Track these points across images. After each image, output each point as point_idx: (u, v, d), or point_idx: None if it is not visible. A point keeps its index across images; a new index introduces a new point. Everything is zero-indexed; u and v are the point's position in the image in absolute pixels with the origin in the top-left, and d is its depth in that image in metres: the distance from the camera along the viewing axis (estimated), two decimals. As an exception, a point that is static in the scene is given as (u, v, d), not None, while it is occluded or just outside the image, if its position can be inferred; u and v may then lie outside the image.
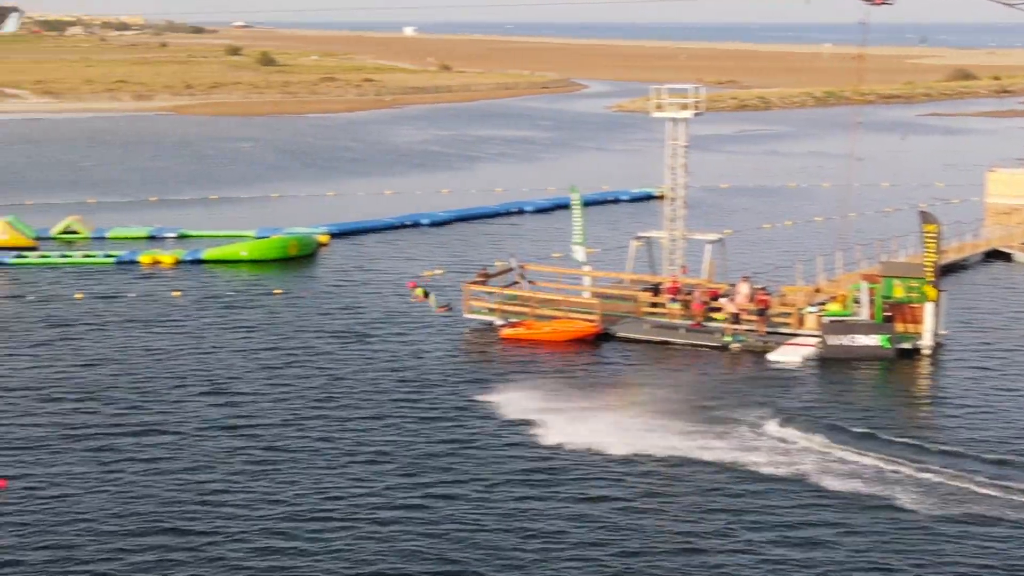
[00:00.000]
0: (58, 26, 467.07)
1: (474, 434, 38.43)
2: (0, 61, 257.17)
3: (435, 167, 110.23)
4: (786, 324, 49.43)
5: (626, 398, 41.57)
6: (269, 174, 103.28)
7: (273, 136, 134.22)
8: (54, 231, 72.38)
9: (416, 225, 76.85)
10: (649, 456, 36.22)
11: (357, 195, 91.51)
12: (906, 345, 47.32)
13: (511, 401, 41.26)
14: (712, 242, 54.43)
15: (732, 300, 49.96)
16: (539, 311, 51.36)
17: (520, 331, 50.21)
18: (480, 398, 41.78)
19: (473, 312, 52.23)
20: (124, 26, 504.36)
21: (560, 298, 52.68)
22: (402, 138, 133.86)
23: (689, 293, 51.11)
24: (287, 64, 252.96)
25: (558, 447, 37.06)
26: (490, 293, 52.78)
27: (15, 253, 66.59)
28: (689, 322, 50.04)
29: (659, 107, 54.08)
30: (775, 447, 36.84)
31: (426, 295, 49.81)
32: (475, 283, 53.15)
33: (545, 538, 30.97)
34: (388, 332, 50.87)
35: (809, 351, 47.13)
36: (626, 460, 35.99)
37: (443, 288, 57.86)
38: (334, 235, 72.69)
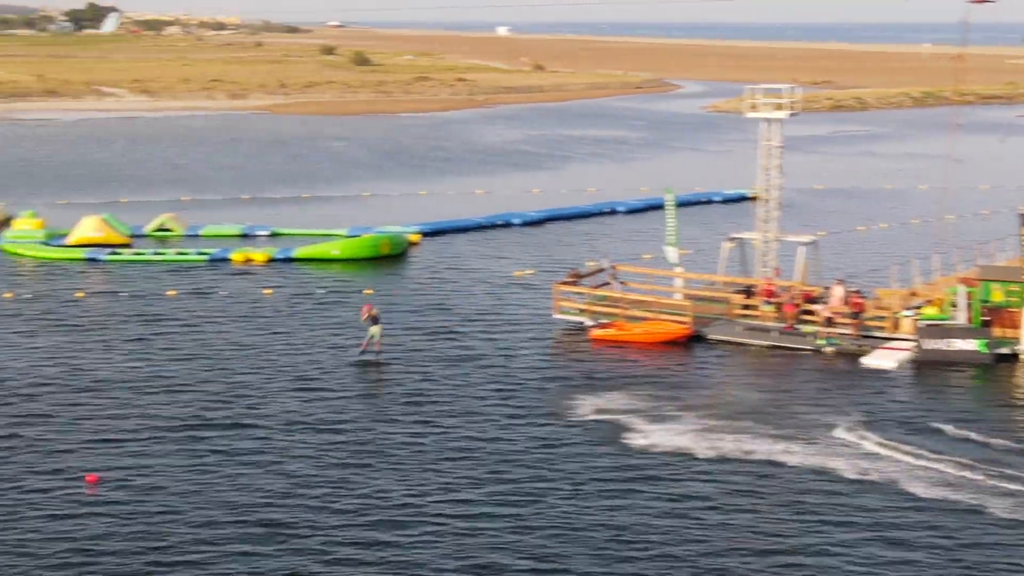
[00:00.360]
0: (156, 26, 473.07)
1: (562, 434, 38.23)
2: (99, 60, 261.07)
3: (527, 167, 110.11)
4: (881, 328, 48.68)
5: (716, 401, 41.23)
6: (361, 173, 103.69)
7: (366, 135, 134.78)
8: (148, 228, 73.04)
9: (507, 225, 76.70)
10: (738, 459, 35.86)
11: (449, 194, 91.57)
12: (1004, 350, 46.42)
13: (600, 402, 41.03)
14: (806, 244, 53.75)
15: (826, 303, 49.31)
16: (630, 312, 51.01)
17: (610, 332, 49.87)
18: (569, 398, 41.54)
19: (563, 313, 51.96)
20: (221, 26, 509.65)
21: (651, 299, 52.28)
22: (494, 138, 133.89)
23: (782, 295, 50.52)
24: (381, 63, 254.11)
25: (646, 448, 36.79)
26: (580, 294, 52.48)
27: (110, 250, 67.27)
28: (782, 325, 49.44)
29: (753, 107, 53.51)
30: (866, 452, 36.28)
31: (374, 322, 48.70)
32: (566, 283, 52.88)
33: (634, 536, 30.80)
34: (478, 331, 50.76)
35: (904, 355, 46.39)
36: (714, 462, 35.66)
37: (535, 287, 57.81)
38: (425, 234, 72.70)
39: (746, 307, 51.05)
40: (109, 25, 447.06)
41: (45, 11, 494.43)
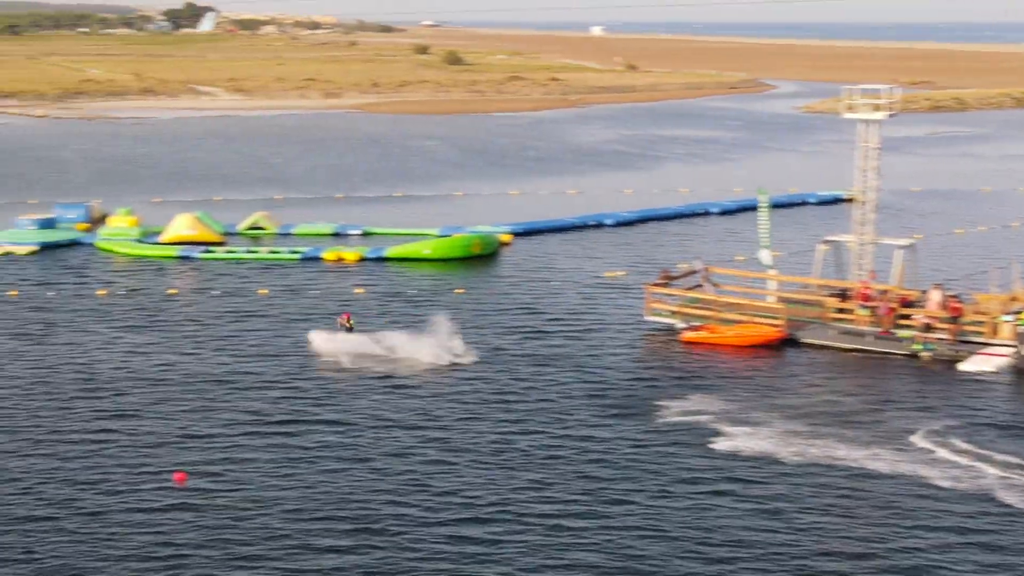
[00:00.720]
0: (252, 25, 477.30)
1: (650, 435, 37.89)
2: (195, 60, 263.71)
3: (619, 167, 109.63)
4: (979, 333, 47.74)
5: (806, 405, 40.64)
6: (454, 172, 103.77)
7: (459, 134, 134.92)
8: (241, 227, 73.43)
9: (600, 225, 76.26)
10: (827, 465, 35.26)
11: (541, 194, 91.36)
12: (1107, 357, 45.33)
13: (688, 404, 40.63)
14: (903, 247, 52.89)
15: (923, 307, 48.44)
16: (722, 315, 50.43)
17: (702, 335, 49.35)
18: (658, 400, 41.15)
19: (655, 314, 51.50)
20: (316, 25, 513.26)
21: (744, 302, 51.67)
22: (587, 137, 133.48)
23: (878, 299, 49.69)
24: (474, 63, 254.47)
25: (734, 451, 36.40)
26: (672, 295, 52.00)
27: (203, 248, 67.66)
28: (877, 329, 48.62)
29: (851, 108, 52.69)
30: (959, 461, 35.49)
31: (349, 331, 48.36)
32: (657, 285, 52.41)
33: (723, 538, 30.52)
34: (568, 331, 50.48)
35: (1003, 361, 45.41)
36: (803, 468, 35.10)
37: (626, 289, 57.43)
38: (517, 234, 72.45)
39: (841, 311, 50.28)
40: (206, 24, 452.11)
41: (143, 11, 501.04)
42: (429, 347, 46.33)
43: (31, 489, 33.83)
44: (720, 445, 36.93)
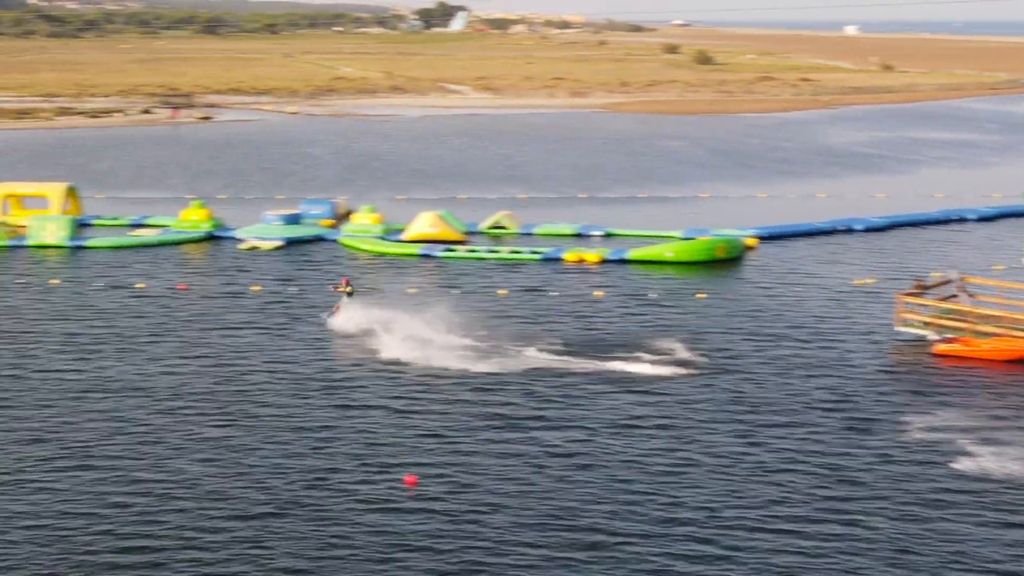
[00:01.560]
0: (502, 24, 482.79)
1: (892, 450, 36.33)
2: (445, 58, 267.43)
3: (871, 170, 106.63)
4: None
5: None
6: (699, 174, 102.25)
7: (706, 135, 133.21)
8: (484, 226, 73.29)
9: (849, 230, 73.88)
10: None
11: (788, 197, 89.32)
12: None
13: (937, 421, 38.79)
14: None
15: None
16: (979, 327, 48.05)
17: (956, 348, 47.11)
18: (904, 416, 39.40)
19: (906, 325, 49.39)
20: (565, 24, 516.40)
21: (1003, 314, 49.15)
22: (838, 139, 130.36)
23: None
24: (724, 63, 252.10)
25: (983, 474, 34.52)
26: (925, 306, 49.80)
27: (444, 247, 67.64)
28: None
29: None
30: None
31: (349, 296, 50.60)
32: (910, 294, 50.29)
33: (970, 567, 28.89)
34: (812, 339, 48.89)
35: None
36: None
37: (876, 297, 55.41)
38: (763, 238, 70.69)
39: (1108, 326, 47.48)
40: (457, 24, 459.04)
41: (396, 10, 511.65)
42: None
43: (264, 481, 34.10)
44: (967, 465, 35.16)
